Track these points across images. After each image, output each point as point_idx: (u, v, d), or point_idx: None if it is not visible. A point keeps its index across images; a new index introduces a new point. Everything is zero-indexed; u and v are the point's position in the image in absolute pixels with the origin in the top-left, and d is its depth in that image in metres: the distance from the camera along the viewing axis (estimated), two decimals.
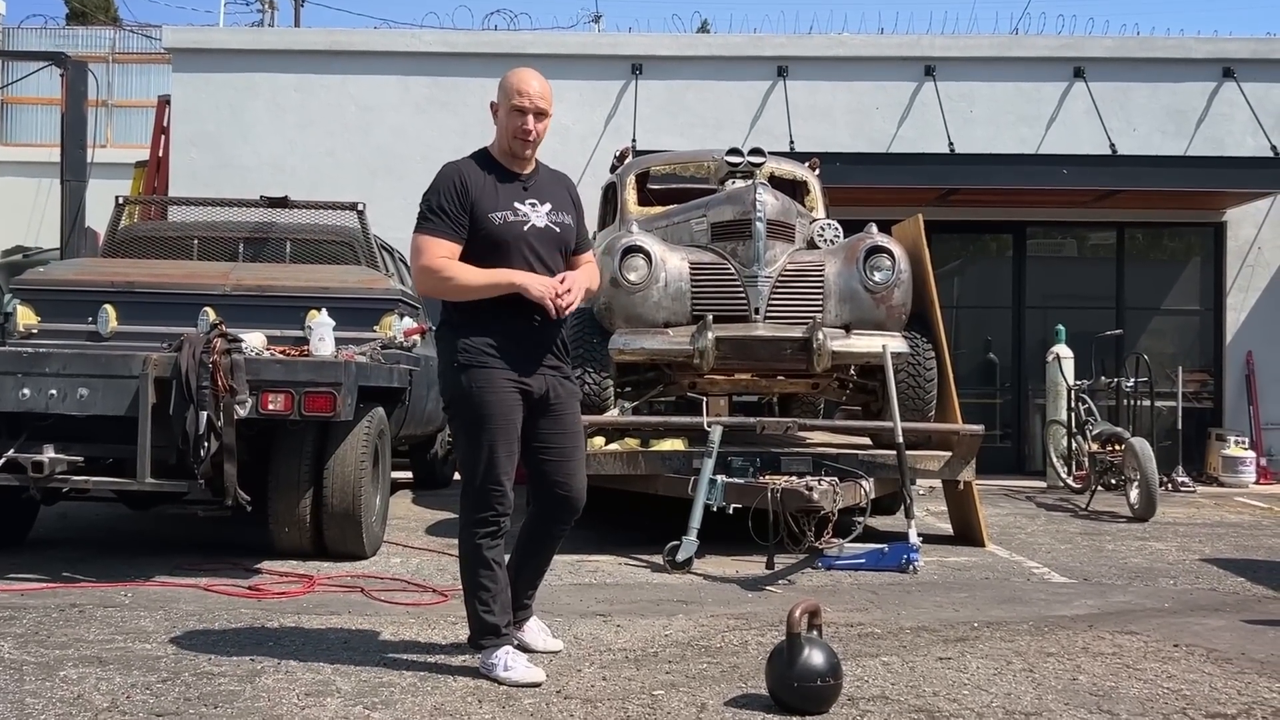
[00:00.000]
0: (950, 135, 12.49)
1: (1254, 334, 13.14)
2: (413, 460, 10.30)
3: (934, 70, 13.01)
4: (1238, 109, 13.00)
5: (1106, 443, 9.81)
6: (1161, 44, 13.46)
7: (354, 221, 7.78)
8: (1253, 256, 13.20)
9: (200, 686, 3.74)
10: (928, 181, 12.07)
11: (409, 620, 4.79)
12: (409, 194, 14.84)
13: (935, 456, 7.00)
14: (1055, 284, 13.51)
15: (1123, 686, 3.91)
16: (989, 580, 6.11)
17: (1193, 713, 3.62)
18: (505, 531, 3.94)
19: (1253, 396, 13.01)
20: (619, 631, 4.66)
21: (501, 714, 3.50)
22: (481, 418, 3.86)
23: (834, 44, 13.40)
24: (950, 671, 4.09)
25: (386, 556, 6.44)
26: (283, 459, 5.99)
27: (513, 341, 3.91)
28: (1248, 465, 12.19)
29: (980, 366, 13.54)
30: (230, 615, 4.82)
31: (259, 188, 9.92)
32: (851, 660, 4.13)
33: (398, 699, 3.63)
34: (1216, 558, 7.00)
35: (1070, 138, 12.99)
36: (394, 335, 6.93)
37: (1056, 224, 13.67)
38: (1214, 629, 4.88)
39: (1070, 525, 8.62)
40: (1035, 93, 13.20)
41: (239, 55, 13.34)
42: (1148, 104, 13.20)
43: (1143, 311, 13.41)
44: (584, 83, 12.95)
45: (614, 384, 7.27)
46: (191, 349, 5.38)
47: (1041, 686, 3.90)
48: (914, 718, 3.53)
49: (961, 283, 13.72)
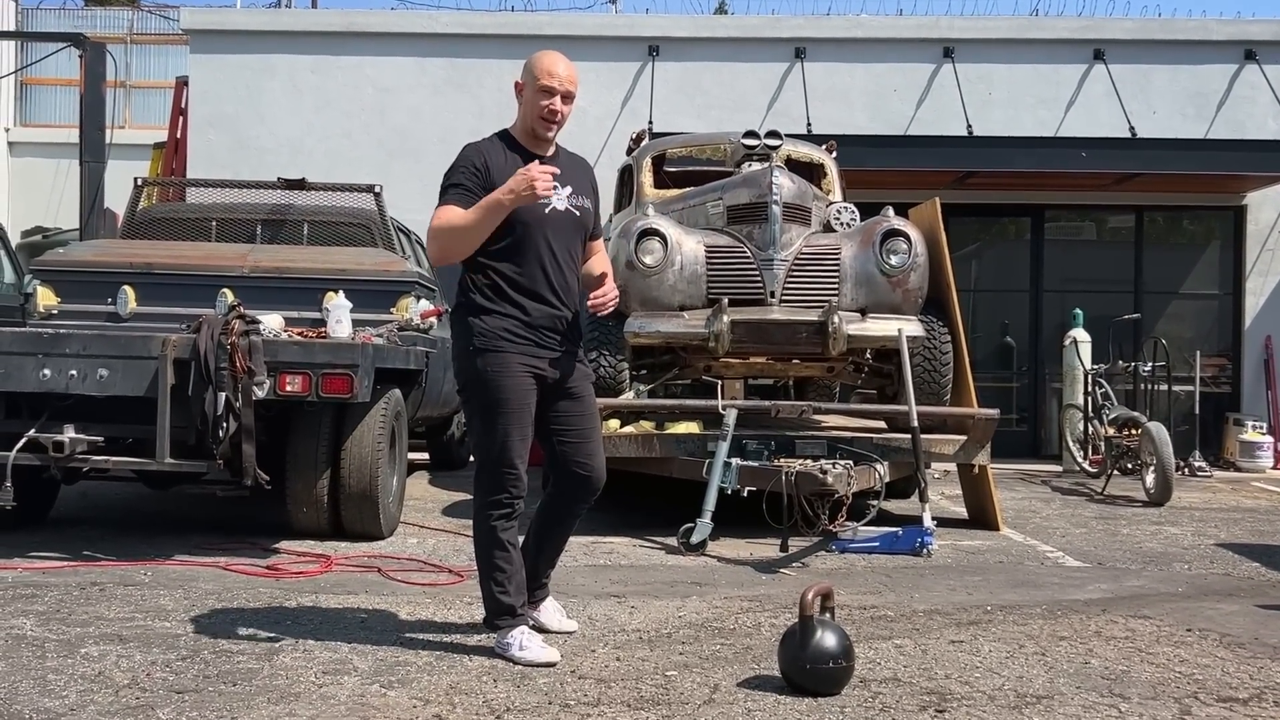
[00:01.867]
0: (968, 118, 12.41)
1: (1273, 318, 13.05)
2: (429, 441, 10.33)
3: (952, 52, 12.94)
4: (1259, 91, 12.88)
5: (1123, 427, 9.77)
6: (1182, 25, 13.34)
7: (370, 203, 7.79)
8: (1273, 240, 13.10)
9: (219, 664, 3.77)
10: (945, 164, 12.02)
11: (425, 600, 4.82)
12: (425, 176, 14.78)
13: (950, 440, 6.98)
14: (1073, 267, 13.45)
15: (1134, 670, 3.91)
16: (1003, 564, 6.11)
17: (1204, 696, 3.62)
18: (519, 513, 3.96)
19: (1271, 381, 12.94)
20: (633, 613, 4.68)
21: (516, 693, 3.52)
22: (496, 402, 3.88)
23: (852, 25, 13.33)
24: (962, 654, 4.10)
25: (403, 537, 6.47)
26: (300, 440, 6.03)
27: (528, 325, 3.92)
28: (1265, 450, 12.14)
29: (997, 350, 13.50)
30: (249, 594, 4.85)
31: (276, 169, 9.94)
32: (864, 643, 4.14)
33: (414, 678, 3.66)
34: (1232, 543, 6.99)
35: (1089, 120, 12.89)
36: (410, 317, 6.95)
37: (1075, 207, 13.60)
38: (1227, 614, 4.87)
39: (1085, 509, 8.61)
40: (1054, 75, 13.10)
41: (256, 37, 13.33)
42: (1168, 86, 13.09)
43: (1161, 295, 13.33)
44: (601, 64, 12.89)
45: (629, 367, 7.29)
46: (210, 330, 5.42)
47: (1053, 670, 3.91)
48: (925, 700, 3.54)
49: (979, 266, 13.67)
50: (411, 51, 13.21)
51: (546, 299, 3.93)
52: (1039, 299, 13.29)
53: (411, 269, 7.43)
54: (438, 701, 3.43)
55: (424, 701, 3.43)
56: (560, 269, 3.99)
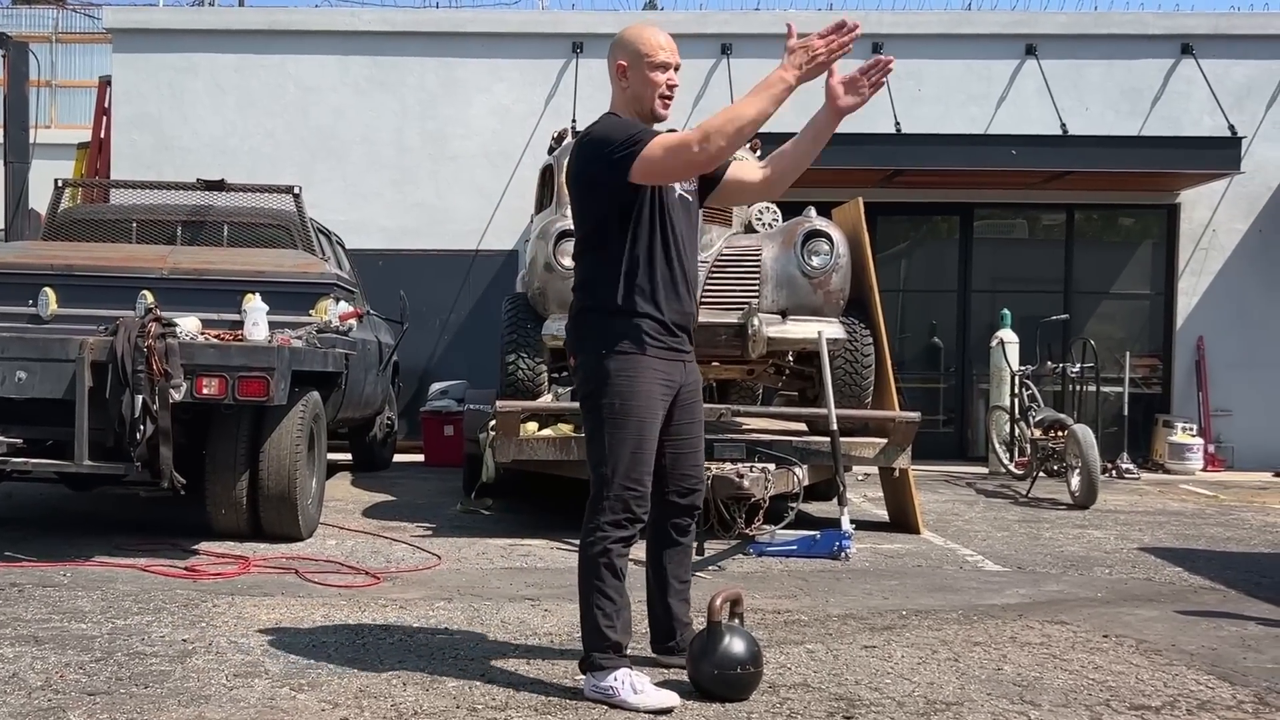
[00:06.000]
0: (897, 115, 12.32)
1: (1206, 319, 13.09)
2: (352, 443, 10.38)
3: (881, 48, 12.81)
4: (1196, 87, 12.86)
5: (1049, 429, 9.73)
6: (1118, 19, 13.31)
7: (290, 205, 7.85)
8: (1207, 239, 13.13)
9: (132, 666, 3.80)
10: (873, 163, 11.93)
11: (341, 602, 4.84)
12: (349, 175, 14.64)
13: (871, 443, 6.95)
14: (1003, 267, 13.44)
15: (1047, 677, 3.88)
16: (921, 568, 6.08)
17: (1116, 704, 3.59)
18: (635, 540, 3.60)
19: (1202, 383, 12.99)
20: (546, 615, 4.68)
21: (425, 697, 3.52)
22: (628, 409, 3.53)
23: (778, 21, 13.16)
24: (874, 660, 4.07)
25: (322, 538, 6.52)
26: (218, 442, 6.12)
27: (665, 326, 3.59)
28: (1195, 452, 12.21)
29: (925, 350, 13.46)
30: (165, 596, 4.87)
31: (200, 169, 9.91)
32: (775, 648, 4.13)
33: (325, 680, 3.68)
34: (1155, 547, 6.96)
35: (1021, 117, 12.86)
36: (330, 319, 6.96)
37: (1005, 205, 13.53)
38: (1146, 620, 4.85)
39: (1009, 512, 8.58)
40: (985, 71, 13.06)
41: (179, 35, 13.12)
42: (1102, 82, 13.07)
43: (1092, 295, 13.33)
44: (525, 61, 12.77)
45: (548, 369, 7.27)
46: (127, 333, 5.50)
47: (965, 676, 3.88)
48: (834, 706, 3.51)
49: (908, 265, 13.62)
50: (334, 50, 13.02)
51: (681, 296, 3.62)
52: (967, 299, 13.27)
53: (331, 271, 7.46)
54: (346, 705, 3.43)
55: (332, 705, 3.43)
56: (691, 262, 3.69)
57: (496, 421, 6.76)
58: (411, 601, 4.89)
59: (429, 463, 11.17)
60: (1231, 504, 9.49)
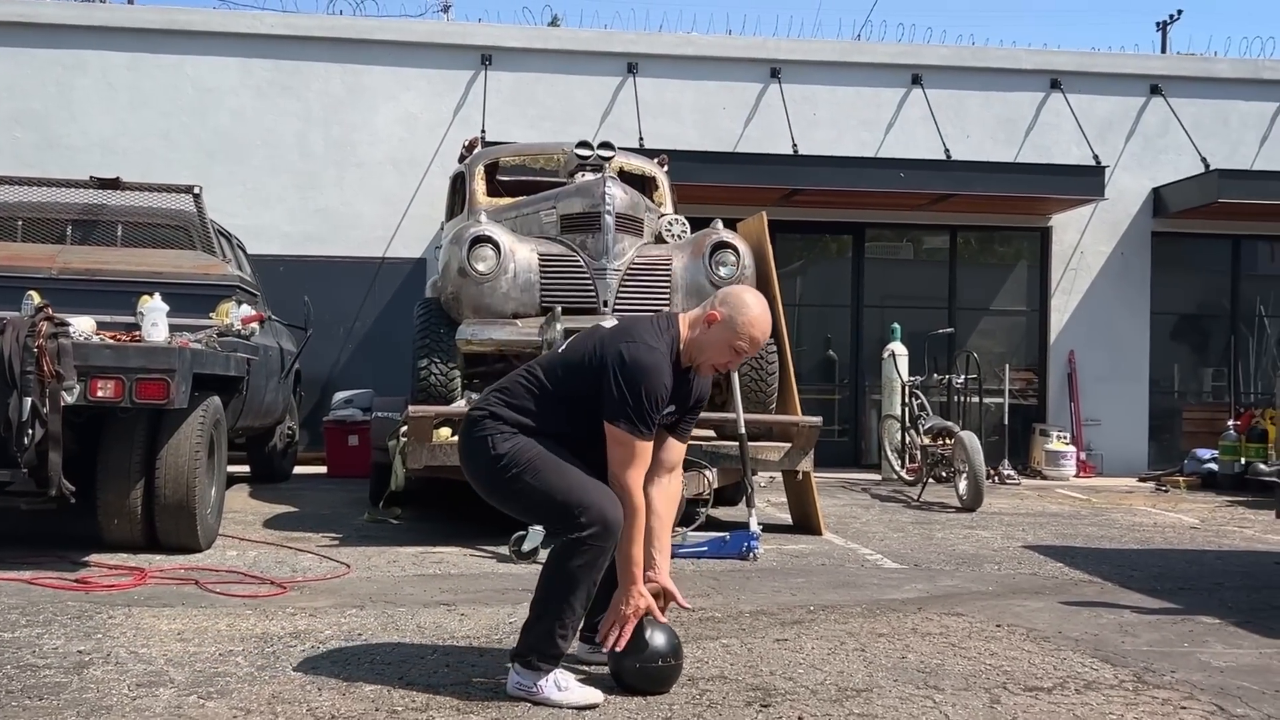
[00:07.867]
0: (794, 137, 12.76)
1: (1076, 334, 13.81)
2: (250, 453, 10.03)
3: (779, 72, 13.28)
4: (1064, 119, 13.63)
5: (937, 436, 10.14)
6: (994, 54, 14.02)
7: (190, 205, 7.56)
8: (1075, 260, 13.86)
9: (23, 679, 3.62)
10: (772, 181, 12.31)
11: (246, 612, 4.70)
12: (249, 180, 14.33)
13: (776, 448, 7.13)
14: (892, 284, 13.98)
15: (948, 664, 4.07)
16: (825, 566, 6.27)
17: (1012, 686, 3.79)
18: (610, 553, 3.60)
19: (1074, 394, 13.67)
20: (463, 619, 4.64)
21: (342, 701, 3.46)
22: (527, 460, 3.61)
23: (683, 43, 13.54)
24: (786, 652, 4.20)
25: (222, 549, 6.30)
26: (113, 448, 5.81)
27: None
28: (1068, 459, 12.82)
29: (821, 364, 13.88)
30: (56, 608, 4.64)
31: (88, 169, 9.57)
32: (692, 643, 4.20)
33: (234, 688, 3.57)
34: (1038, 545, 7.32)
35: (908, 142, 13.41)
36: (231, 323, 6.77)
37: (894, 226, 14.12)
38: (1034, 610, 5.11)
39: (903, 515, 8.91)
40: (875, 98, 13.58)
41: (67, 31, 12.71)
42: (981, 112, 13.73)
43: (973, 311, 13.96)
44: (432, 71, 12.78)
45: (461, 374, 7.24)
46: (15, 332, 5.18)
47: (872, 665, 4.03)
48: (751, 695, 3.61)
49: (804, 282, 14.04)
50: (235, 52, 12.78)
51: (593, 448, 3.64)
52: (860, 314, 13.74)
53: (232, 273, 7.25)
54: (259, 711, 3.33)
55: (245, 711, 3.33)
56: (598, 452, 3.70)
57: (409, 427, 6.58)
58: (321, 610, 4.76)
59: (332, 474, 10.91)
60: (1103, 506, 10.00)
